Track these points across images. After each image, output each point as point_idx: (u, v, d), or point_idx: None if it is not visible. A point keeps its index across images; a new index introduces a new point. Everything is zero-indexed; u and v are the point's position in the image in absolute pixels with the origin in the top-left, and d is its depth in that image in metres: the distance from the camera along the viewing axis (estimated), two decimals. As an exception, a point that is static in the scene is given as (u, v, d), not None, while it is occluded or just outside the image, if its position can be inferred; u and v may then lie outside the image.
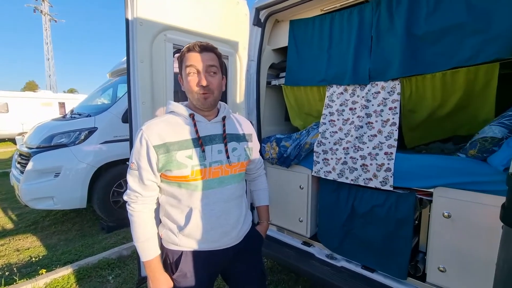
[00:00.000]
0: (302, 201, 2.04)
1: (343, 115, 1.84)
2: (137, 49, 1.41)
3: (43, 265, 2.56)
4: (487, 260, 1.27)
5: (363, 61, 1.75)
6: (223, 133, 1.07)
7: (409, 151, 1.87)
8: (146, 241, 1.01)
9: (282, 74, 2.33)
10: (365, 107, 1.71)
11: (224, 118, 1.09)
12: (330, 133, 1.87)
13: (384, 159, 1.59)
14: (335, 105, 1.88)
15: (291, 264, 1.92)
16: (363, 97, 1.73)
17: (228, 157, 1.05)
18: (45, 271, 2.39)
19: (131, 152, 1.01)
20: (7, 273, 2.44)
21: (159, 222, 1.11)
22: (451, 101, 1.57)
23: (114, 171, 3.40)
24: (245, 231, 1.16)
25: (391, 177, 1.55)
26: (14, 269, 2.51)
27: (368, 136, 1.69)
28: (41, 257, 2.77)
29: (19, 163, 3.42)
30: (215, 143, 1.04)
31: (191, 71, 0.98)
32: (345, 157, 1.75)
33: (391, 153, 1.57)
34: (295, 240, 2.11)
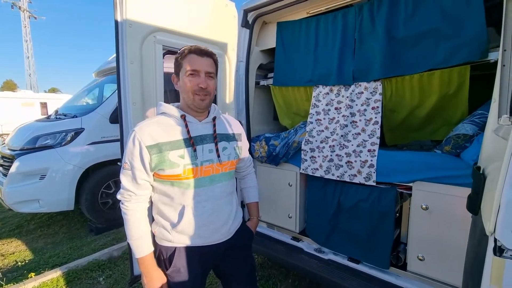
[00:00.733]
0: (291, 198, 2.10)
1: (329, 115, 1.92)
2: (127, 51, 1.43)
3: (30, 269, 2.51)
4: (462, 248, 1.35)
5: (347, 62, 1.83)
6: (213, 133, 1.11)
7: (391, 148, 1.97)
8: (140, 239, 1.04)
9: (270, 74, 2.38)
10: (349, 107, 1.80)
11: (214, 118, 1.14)
12: (317, 131, 1.94)
13: (367, 156, 1.67)
14: (321, 104, 1.96)
15: (281, 259, 1.99)
16: (347, 97, 1.82)
17: (218, 156, 1.09)
18: (34, 274, 2.35)
19: (124, 152, 1.03)
20: (-8, 278, 2.38)
21: (152, 220, 1.14)
22: (429, 101, 1.67)
23: (102, 172, 3.36)
24: (236, 227, 1.21)
25: (374, 173, 1.64)
26: (-1, 274, 2.46)
27: (352, 134, 1.77)
28: (27, 261, 2.72)
29: (1, 165, 3.32)
30: (206, 142, 1.08)
31: (192, 72, 1.02)
32: (331, 155, 1.82)
33: (374, 150, 1.66)
34: (284, 235, 2.18)
